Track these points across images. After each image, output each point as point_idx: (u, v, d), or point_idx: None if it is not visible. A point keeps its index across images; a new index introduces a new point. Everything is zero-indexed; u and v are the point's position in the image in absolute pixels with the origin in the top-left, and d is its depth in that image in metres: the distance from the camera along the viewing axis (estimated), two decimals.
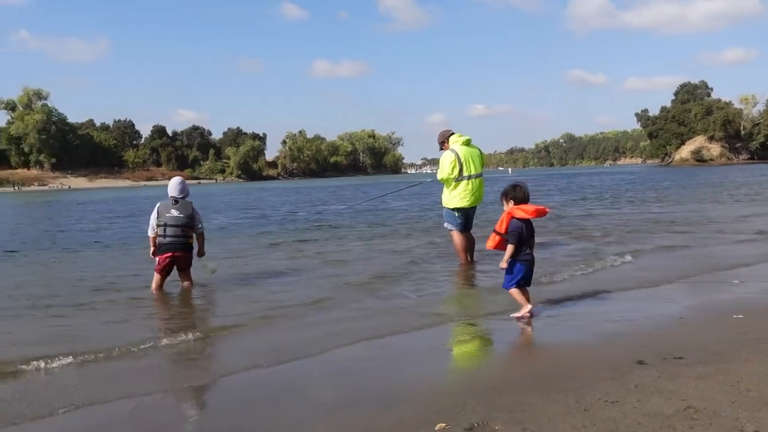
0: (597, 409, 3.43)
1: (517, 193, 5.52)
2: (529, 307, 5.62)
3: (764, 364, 4.08)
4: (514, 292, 5.62)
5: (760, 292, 6.51)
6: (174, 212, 7.59)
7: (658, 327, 5.35)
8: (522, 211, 5.44)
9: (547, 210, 5.68)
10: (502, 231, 5.52)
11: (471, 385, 4.04)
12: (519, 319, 5.61)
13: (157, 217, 7.59)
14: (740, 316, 5.51)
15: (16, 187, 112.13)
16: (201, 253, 7.93)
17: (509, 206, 5.54)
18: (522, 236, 5.44)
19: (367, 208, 21.93)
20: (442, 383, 4.26)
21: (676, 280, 7.34)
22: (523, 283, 5.62)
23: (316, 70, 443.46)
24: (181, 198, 7.73)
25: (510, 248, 5.44)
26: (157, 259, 7.57)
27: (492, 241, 5.66)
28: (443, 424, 3.28)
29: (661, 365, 4.17)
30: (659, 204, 20.58)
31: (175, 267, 7.64)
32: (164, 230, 7.53)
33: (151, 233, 7.66)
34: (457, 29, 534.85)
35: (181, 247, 7.58)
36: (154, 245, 7.62)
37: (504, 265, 5.53)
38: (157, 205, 7.68)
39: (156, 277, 7.57)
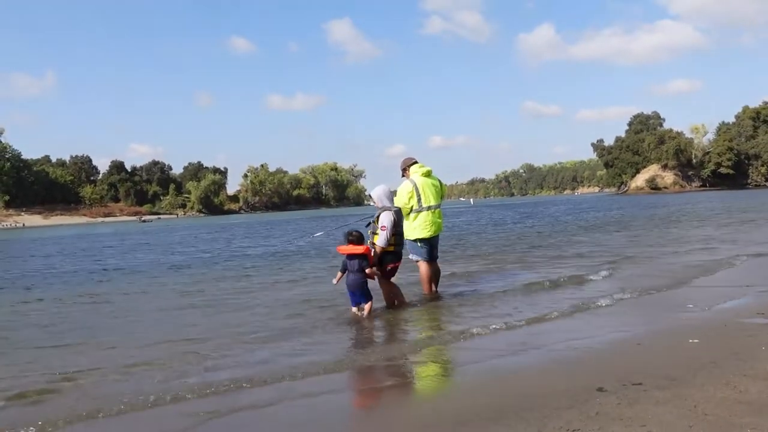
0: None
1: (348, 238, 7.50)
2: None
3: (719, 388, 4.17)
4: (352, 311, 7.56)
5: (713, 316, 6.68)
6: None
7: (617, 352, 5.44)
8: (341, 250, 7.51)
9: (356, 249, 7.37)
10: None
11: (434, 417, 4.02)
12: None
13: (394, 227, 7.73)
14: (696, 340, 5.63)
15: None
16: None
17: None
18: (345, 266, 7.49)
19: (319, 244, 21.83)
20: (403, 416, 4.23)
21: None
22: (357, 303, 7.53)
23: (271, 103, 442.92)
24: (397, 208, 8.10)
25: (338, 274, 7.61)
26: (389, 267, 7.77)
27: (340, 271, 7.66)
28: None
29: (621, 391, 4.23)
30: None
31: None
32: (400, 239, 7.90)
33: (384, 244, 7.62)
34: (410, 62, 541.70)
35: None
36: (380, 255, 7.67)
37: (335, 281, 7.74)
38: (391, 214, 7.75)
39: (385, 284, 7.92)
